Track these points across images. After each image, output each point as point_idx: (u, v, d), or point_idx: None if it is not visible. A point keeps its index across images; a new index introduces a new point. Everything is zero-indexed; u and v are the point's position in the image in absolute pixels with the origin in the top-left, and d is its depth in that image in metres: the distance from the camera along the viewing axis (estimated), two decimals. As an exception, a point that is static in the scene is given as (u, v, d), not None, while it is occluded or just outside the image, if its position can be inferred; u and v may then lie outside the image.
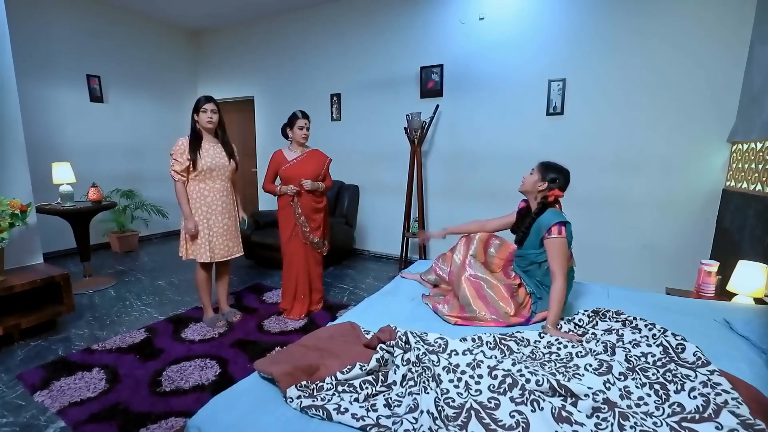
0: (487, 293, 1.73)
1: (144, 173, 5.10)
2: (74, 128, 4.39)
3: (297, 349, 1.35)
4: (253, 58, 5.11)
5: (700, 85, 2.90)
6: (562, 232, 1.66)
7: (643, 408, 1.11)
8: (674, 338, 1.35)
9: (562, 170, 1.80)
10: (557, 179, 1.76)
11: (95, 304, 3.05)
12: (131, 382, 1.98)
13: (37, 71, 4.05)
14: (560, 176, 1.77)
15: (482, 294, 1.74)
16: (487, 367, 1.17)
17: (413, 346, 1.25)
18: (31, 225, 2.67)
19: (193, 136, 2.43)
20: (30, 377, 2.03)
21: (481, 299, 1.73)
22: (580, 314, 1.66)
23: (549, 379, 1.11)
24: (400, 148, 4.08)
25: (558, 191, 1.76)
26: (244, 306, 3.00)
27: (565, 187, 1.80)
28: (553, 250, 1.65)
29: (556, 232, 1.66)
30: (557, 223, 1.66)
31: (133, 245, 4.69)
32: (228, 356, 2.24)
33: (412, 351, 1.25)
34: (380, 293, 2.14)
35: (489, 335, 1.43)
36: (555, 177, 1.77)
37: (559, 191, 1.76)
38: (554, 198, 1.77)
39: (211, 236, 2.49)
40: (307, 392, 1.16)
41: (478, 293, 1.74)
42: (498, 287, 1.74)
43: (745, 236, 2.49)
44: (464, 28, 3.68)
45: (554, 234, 1.65)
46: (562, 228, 1.66)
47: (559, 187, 1.77)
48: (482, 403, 1.07)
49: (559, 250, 1.65)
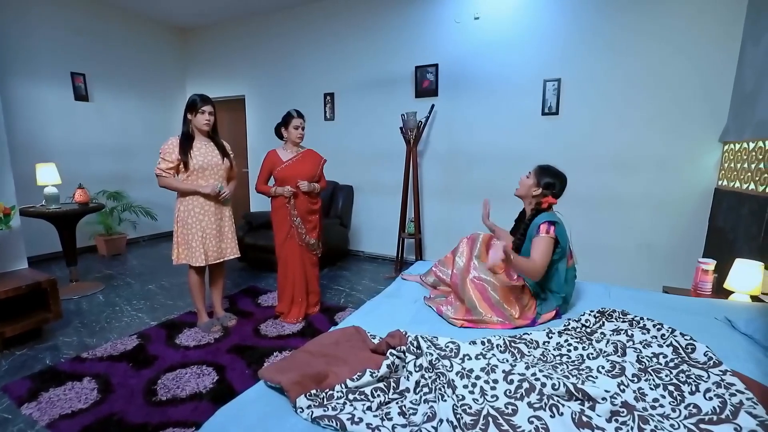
0: (492, 296, 1.71)
1: (131, 174, 4.97)
2: (58, 128, 4.25)
3: (303, 356, 1.31)
4: (244, 57, 5.02)
5: (693, 85, 2.95)
6: (550, 231, 1.65)
7: (658, 410, 1.10)
8: (683, 338, 1.34)
9: (559, 176, 1.78)
10: (553, 185, 1.75)
11: (83, 310, 2.94)
12: (125, 392, 1.91)
13: (18, 68, 3.90)
14: (557, 182, 1.75)
15: (487, 296, 1.71)
16: (502, 372, 1.14)
17: (425, 351, 1.22)
18: (14, 228, 2.56)
19: (184, 137, 2.36)
20: (16, 389, 1.94)
21: (486, 302, 1.70)
22: (586, 315, 1.65)
23: (565, 383, 1.09)
24: (394, 148, 4.05)
25: (552, 198, 1.74)
26: (239, 310, 2.93)
27: (560, 193, 1.78)
28: (538, 246, 1.65)
29: (543, 231, 1.65)
30: (546, 221, 1.65)
31: (121, 248, 4.56)
32: (225, 362, 2.18)
33: (425, 356, 1.22)
34: (382, 295, 2.10)
35: (498, 338, 1.41)
36: (551, 182, 1.75)
37: (552, 198, 1.74)
38: (548, 205, 1.75)
39: (204, 238, 2.42)
40: (317, 401, 1.11)
41: (483, 296, 1.72)
42: (502, 290, 1.73)
43: (739, 235, 2.53)
44: (459, 27, 3.67)
45: (542, 233, 1.65)
46: (551, 227, 1.65)
47: (554, 194, 1.75)
48: (499, 409, 1.04)
49: (544, 245, 1.64)
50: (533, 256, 1.64)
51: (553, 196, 1.75)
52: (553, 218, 1.68)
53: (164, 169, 2.31)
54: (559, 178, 1.77)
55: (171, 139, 2.33)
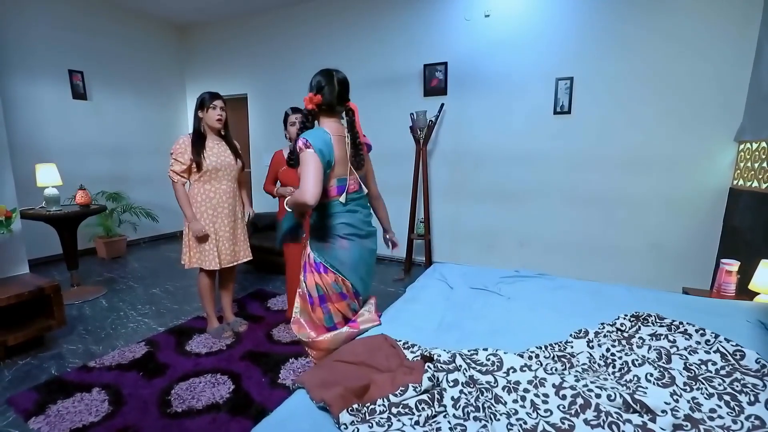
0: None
1: (130, 174, 4.85)
2: (55, 127, 4.12)
3: (341, 367, 1.24)
4: (246, 54, 4.92)
5: (706, 84, 2.92)
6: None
7: (717, 422, 1.05)
8: (729, 344, 1.30)
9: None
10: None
11: (86, 315, 2.84)
12: (138, 403, 1.82)
13: (15, 66, 3.78)
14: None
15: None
16: (552, 386, 1.08)
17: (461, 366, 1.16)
18: (15, 232, 2.46)
19: (196, 136, 2.27)
20: (22, 401, 1.85)
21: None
22: (621, 319, 1.61)
23: (621, 393, 1.04)
24: (402, 148, 3.99)
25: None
26: (249, 314, 2.85)
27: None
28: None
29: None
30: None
31: (121, 250, 4.45)
32: (240, 370, 2.10)
33: (460, 372, 1.15)
34: (402, 301, 2.04)
35: (541, 348, 1.35)
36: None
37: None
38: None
39: (218, 241, 2.33)
40: (359, 416, 1.05)
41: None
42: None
43: (757, 235, 2.50)
44: (469, 25, 3.61)
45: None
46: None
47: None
48: (556, 425, 0.98)
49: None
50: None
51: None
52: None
53: (178, 172, 2.21)
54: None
55: (182, 138, 2.24)
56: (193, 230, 2.26)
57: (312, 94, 1.56)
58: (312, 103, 1.56)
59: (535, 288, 2.12)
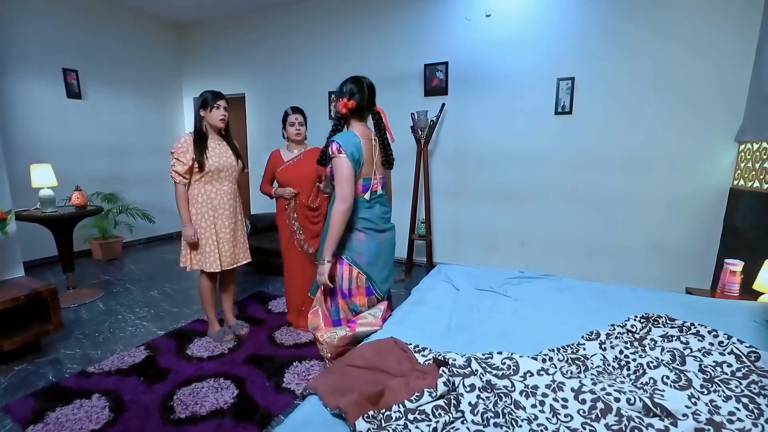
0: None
1: (126, 175, 4.78)
2: (50, 127, 4.05)
3: (353, 371, 1.22)
4: (244, 54, 4.87)
5: (707, 84, 2.93)
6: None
7: (737, 425, 1.03)
8: (743, 345, 1.29)
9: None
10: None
11: (83, 319, 2.78)
12: (139, 410, 1.78)
13: (8, 65, 3.70)
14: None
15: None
16: (571, 390, 1.07)
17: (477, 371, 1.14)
18: (10, 234, 2.40)
19: (198, 135, 2.23)
20: (19, 408, 1.80)
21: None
22: (631, 320, 1.59)
23: (641, 397, 1.02)
24: (403, 148, 3.94)
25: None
26: (250, 317, 2.81)
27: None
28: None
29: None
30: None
31: (117, 252, 4.38)
32: (243, 374, 2.07)
33: (476, 376, 1.13)
34: (408, 303, 2.02)
35: (555, 351, 1.33)
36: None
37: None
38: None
39: (219, 243, 2.29)
40: (375, 423, 1.02)
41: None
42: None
43: (759, 235, 2.51)
44: (470, 24, 3.60)
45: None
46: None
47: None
48: (577, 430, 0.97)
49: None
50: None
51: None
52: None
53: (180, 172, 2.16)
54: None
55: (183, 137, 2.19)
56: (185, 235, 2.22)
57: (345, 100, 1.65)
58: (346, 108, 1.65)
59: (540, 289, 2.11)
